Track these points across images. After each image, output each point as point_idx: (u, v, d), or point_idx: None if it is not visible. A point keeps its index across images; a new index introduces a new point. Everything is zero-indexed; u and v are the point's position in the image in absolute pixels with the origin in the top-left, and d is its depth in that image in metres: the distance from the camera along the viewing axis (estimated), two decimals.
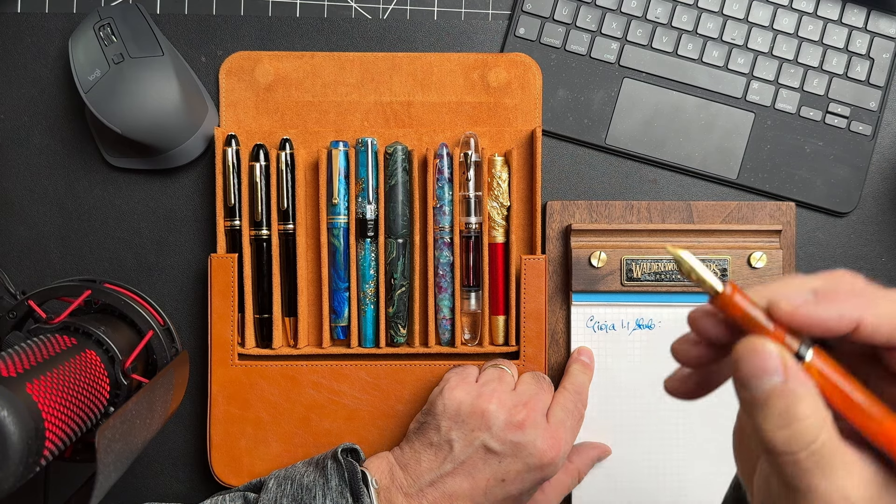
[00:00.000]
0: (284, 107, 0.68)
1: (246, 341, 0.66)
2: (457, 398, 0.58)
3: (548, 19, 0.69)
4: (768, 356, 0.29)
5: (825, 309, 0.29)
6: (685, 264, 0.30)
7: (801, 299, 0.30)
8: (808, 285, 0.31)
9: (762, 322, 0.30)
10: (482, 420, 0.57)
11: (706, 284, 0.30)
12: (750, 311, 0.30)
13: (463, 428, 0.57)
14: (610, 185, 0.70)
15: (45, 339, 0.52)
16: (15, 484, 0.42)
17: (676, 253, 0.30)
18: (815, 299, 0.30)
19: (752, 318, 0.30)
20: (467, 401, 0.58)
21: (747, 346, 0.29)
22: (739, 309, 0.30)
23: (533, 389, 0.60)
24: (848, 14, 0.69)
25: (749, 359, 0.29)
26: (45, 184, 0.69)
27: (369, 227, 0.66)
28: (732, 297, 0.30)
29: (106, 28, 0.64)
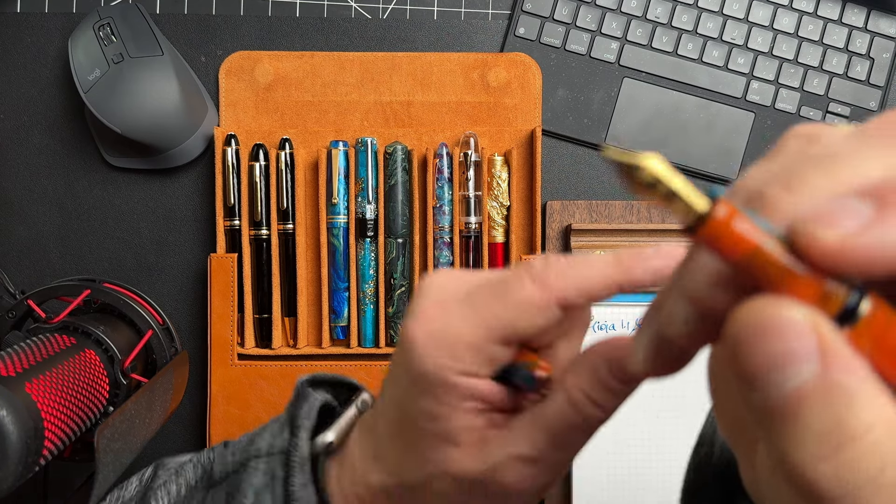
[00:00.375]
0: (284, 106, 0.68)
1: (245, 341, 0.66)
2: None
3: (548, 19, 0.69)
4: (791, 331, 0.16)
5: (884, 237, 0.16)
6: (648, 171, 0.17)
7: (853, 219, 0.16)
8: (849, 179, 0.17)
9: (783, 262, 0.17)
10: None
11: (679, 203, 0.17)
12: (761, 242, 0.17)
13: None
14: (610, 184, 0.70)
15: (44, 339, 0.52)
16: (14, 483, 0.42)
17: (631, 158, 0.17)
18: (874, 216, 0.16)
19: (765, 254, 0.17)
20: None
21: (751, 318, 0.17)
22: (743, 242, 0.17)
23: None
24: (848, 14, 0.69)
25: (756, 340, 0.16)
26: (44, 183, 0.69)
27: (369, 226, 0.66)
28: (730, 222, 0.17)
29: (106, 28, 0.64)
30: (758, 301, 0.17)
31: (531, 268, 0.29)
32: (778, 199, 0.17)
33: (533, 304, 0.28)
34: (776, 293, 0.17)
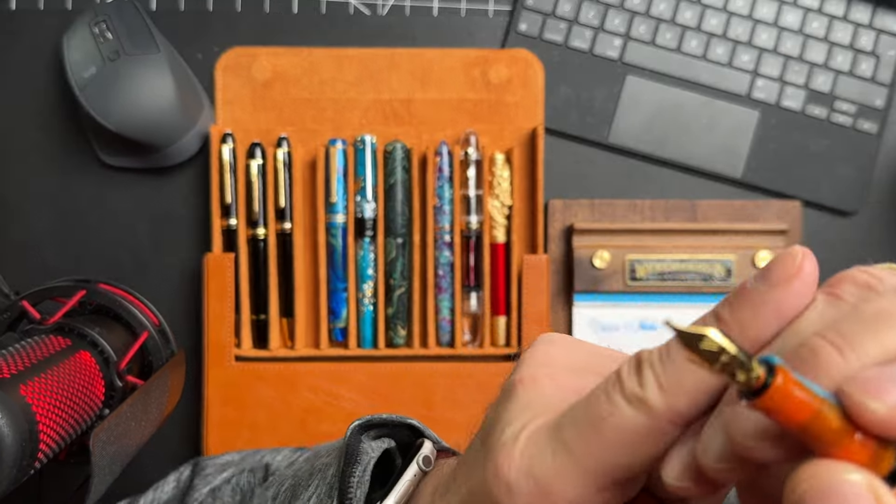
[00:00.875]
0: (282, 104, 0.67)
1: (242, 342, 0.66)
2: None
3: (550, 15, 0.68)
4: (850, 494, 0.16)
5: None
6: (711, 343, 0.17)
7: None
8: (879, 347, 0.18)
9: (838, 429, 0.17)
10: None
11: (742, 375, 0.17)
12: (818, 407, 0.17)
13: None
14: (613, 183, 0.69)
15: (39, 341, 0.52)
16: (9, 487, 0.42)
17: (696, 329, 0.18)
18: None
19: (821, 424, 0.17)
20: None
21: (815, 483, 0.17)
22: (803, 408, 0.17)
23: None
24: (853, 11, 0.68)
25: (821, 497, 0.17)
26: (39, 182, 0.68)
27: (368, 226, 0.65)
28: (789, 389, 0.17)
29: (101, 25, 0.63)
30: (818, 465, 0.17)
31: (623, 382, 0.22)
32: (829, 363, 0.17)
33: (639, 434, 0.22)
34: (829, 456, 0.17)
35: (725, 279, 0.65)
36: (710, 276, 0.65)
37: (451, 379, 0.65)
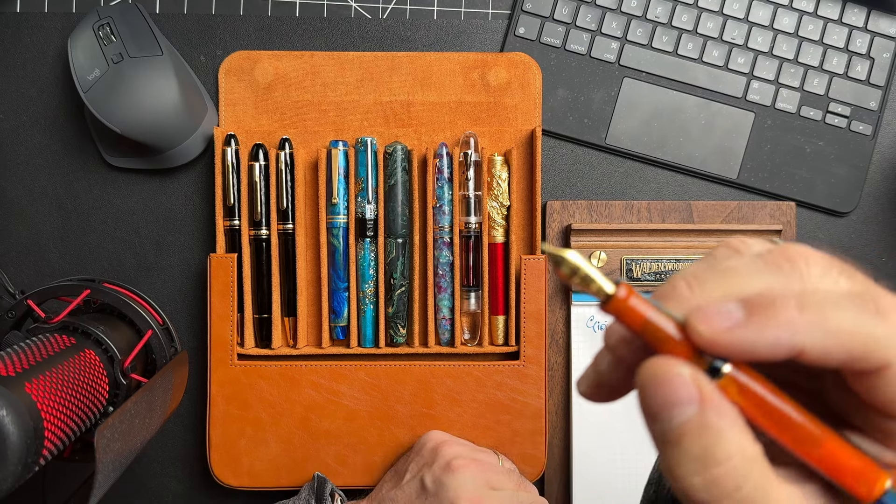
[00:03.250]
0: (284, 106, 0.68)
1: (245, 341, 0.66)
2: (437, 438, 0.61)
3: (548, 19, 0.69)
4: (679, 382, 0.22)
5: (755, 335, 0.22)
6: (568, 263, 0.23)
7: (726, 318, 0.22)
8: (738, 284, 0.24)
9: (667, 330, 0.23)
10: (433, 456, 0.58)
11: (594, 286, 0.24)
12: (650, 316, 0.23)
13: (418, 461, 0.59)
14: (610, 184, 0.70)
15: (43, 339, 0.52)
16: (14, 484, 0.42)
17: (556, 252, 0.24)
18: (743, 319, 0.22)
19: (652, 326, 0.23)
20: (440, 440, 0.60)
21: (651, 371, 0.23)
22: (637, 315, 0.23)
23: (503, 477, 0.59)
24: (848, 14, 0.69)
25: (655, 387, 0.23)
26: (44, 183, 0.69)
27: (369, 226, 0.66)
28: (627, 300, 0.23)
29: (105, 28, 0.64)
30: (656, 359, 0.23)
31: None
32: (680, 294, 0.24)
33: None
34: (661, 352, 0.23)
35: None
36: None
37: (451, 377, 0.65)
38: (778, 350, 0.22)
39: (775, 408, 0.23)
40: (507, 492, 0.57)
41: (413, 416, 0.65)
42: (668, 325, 0.23)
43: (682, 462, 0.22)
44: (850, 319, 0.22)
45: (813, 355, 0.22)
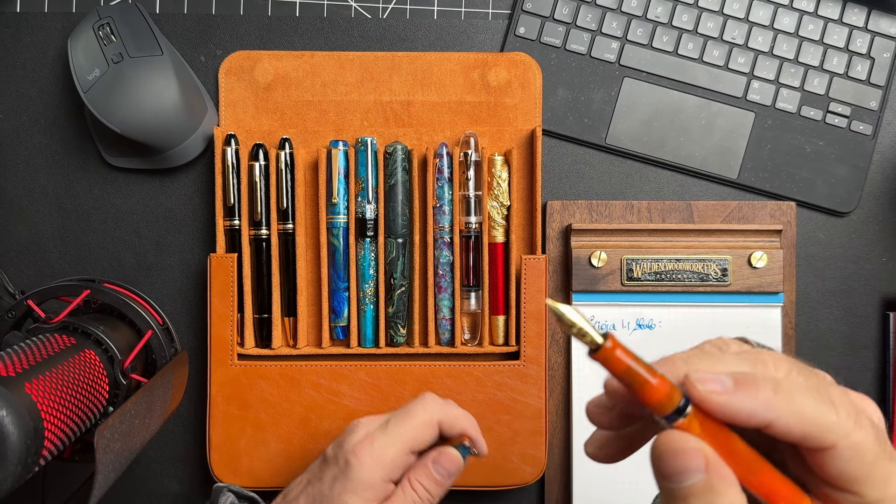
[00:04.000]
0: (284, 106, 0.68)
1: (245, 341, 0.66)
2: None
3: (548, 18, 0.69)
4: (691, 454, 0.28)
5: (740, 402, 0.28)
6: (566, 318, 0.28)
7: (719, 384, 0.29)
8: (726, 366, 0.30)
9: (644, 376, 0.28)
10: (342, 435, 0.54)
11: (587, 338, 0.28)
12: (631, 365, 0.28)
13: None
14: (610, 184, 0.70)
15: (43, 339, 0.52)
16: (14, 484, 0.42)
17: (556, 308, 0.28)
18: (732, 387, 0.28)
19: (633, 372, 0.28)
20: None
21: (669, 445, 0.28)
22: (621, 363, 0.28)
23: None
24: (848, 13, 0.69)
25: (670, 458, 0.28)
26: (44, 183, 0.69)
27: (369, 226, 0.66)
28: (613, 350, 0.28)
29: (105, 27, 0.64)
30: (671, 432, 0.29)
31: (422, 401, 0.52)
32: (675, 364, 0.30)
33: (425, 424, 0.50)
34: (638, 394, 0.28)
35: (721, 279, 0.65)
36: (706, 275, 0.65)
37: (451, 377, 0.65)
38: (753, 418, 0.28)
39: (726, 443, 0.29)
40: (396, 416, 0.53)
41: None
42: (645, 373, 0.28)
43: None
44: (810, 406, 0.28)
45: (778, 428, 0.28)
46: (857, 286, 0.69)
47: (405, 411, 0.51)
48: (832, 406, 0.29)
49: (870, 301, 0.69)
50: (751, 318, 0.66)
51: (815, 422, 0.28)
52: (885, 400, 0.68)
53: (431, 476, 0.50)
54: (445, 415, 0.52)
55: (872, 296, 0.69)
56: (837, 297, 0.69)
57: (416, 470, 0.50)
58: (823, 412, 0.28)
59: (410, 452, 0.50)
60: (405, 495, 0.49)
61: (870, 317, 0.69)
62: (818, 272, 0.69)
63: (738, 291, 0.66)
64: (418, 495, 0.49)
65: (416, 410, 0.51)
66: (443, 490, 0.51)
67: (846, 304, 0.69)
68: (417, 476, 0.50)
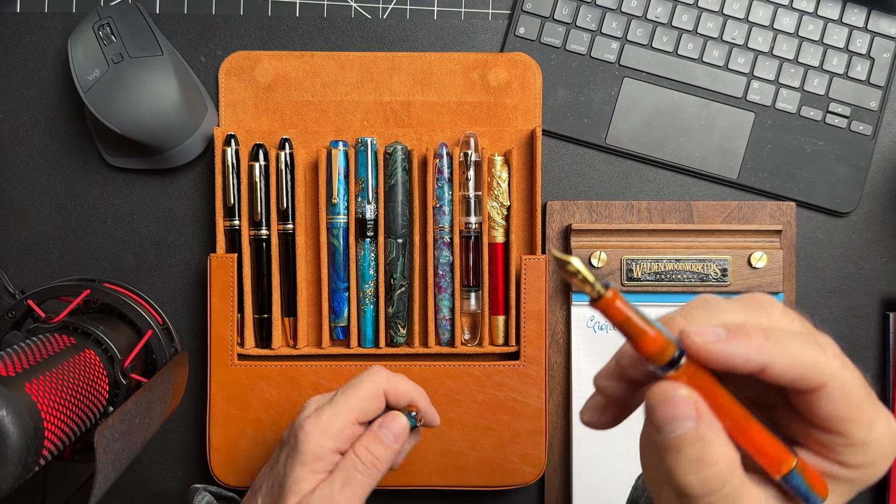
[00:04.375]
0: (284, 106, 0.68)
1: (245, 341, 0.66)
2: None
3: (548, 19, 0.69)
4: (681, 402, 0.29)
5: (734, 349, 0.29)
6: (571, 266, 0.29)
7: (713, 335, 0.30)
8: (721, 317, 0.31)
9: (641, 326, 0.29)
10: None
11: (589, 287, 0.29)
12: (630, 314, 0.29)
13: None
14: (610, 184, 0.70)
15: (43, 339, 0.52)
16: (14, 484, 0.42)
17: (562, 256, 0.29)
18: (726, 337, 0.30)
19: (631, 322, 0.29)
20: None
21: (661, 393, 0.29)
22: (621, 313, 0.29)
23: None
24: (848, 14, 0.69)
25: (662, 405, 0.29)
26: (44, 183, 0.69)
27: (369, 226, 0.66)
28: (614, 301, 0.29)
29: (105, 28, 0.64)
30: (663, 382, 0.30)
31: (369, 373, 0.52)
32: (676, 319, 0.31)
33: (371, 395, 0.51)
34: (635, 344, 0.29)
35: (721, 279, 0.65)
36: (706, 275, 0.65)
37: (451, 377, 0.65)
38: (748, 363, 0.29)
39: (717, 398, 0.30)
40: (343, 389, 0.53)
41: None
42: (642, 323, 0.29)
43: (680, 464, 0.29)
44: (800, 348, 0.30)
45: (772, 371, 0.30)
46: (857, 286, 0.69)
47: (352, 384, 0.52)
48: (820, 348, 0.30)
49: (870, 301, 0.69)
50: None
51: (804, 363, 0.30)
52: (885, 400, 0.68)
53: (377, 438, 0.50)
54: (392, 386, 0.52)
55: (872, 296, 0.69)
56: (837, 297, 0.69)
57: (363, 436, 0.51)
58: (813, 354, 0.30)
59: (357, 423, 0.50)
60: (347, 460, 0.49)
61: (870, 317, 0.69)
62: (818, 272, 0.69)
63: (738, 291, 0.66)
64: (361, 459, 0.49)
65: (362, 382, 0.51)
66: (391, 453, 0.50)
67: (846, 304, 0.69)
68: (363, 441, 0.50)
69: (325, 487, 0.48)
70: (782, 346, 0.30)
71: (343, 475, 0.49)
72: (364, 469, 0.49)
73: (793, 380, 0.30)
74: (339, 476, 0.49)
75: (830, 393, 0.30)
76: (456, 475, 0.65)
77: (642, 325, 0.29)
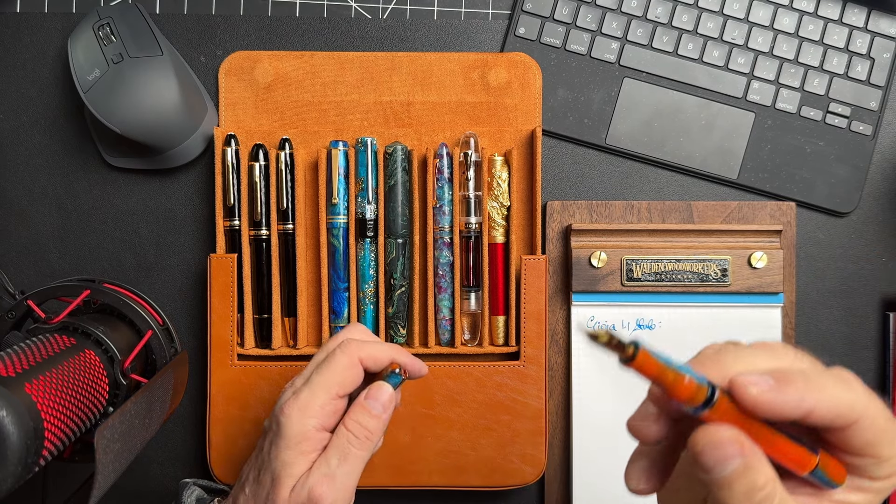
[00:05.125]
0: (284, 106, 0.68)
1: (245, 342, 0.66)
2: None
3: (548, 19, 0.69)
4: (728, 444, 0.31)
5: (786, 396, 0.31)
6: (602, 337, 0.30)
7: (766, 384, 0.31)
8: (755, 363, 0.33)
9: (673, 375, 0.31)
10: None
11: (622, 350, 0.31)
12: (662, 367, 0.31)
13: None
14: (610, 184, 0.70)
15: (44, 339, 0.52)
16: (14, 484, 0.42)
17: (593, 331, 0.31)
18: (776, 385, 0.31)
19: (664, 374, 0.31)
20: None
21: (708, 439, 0.31)
22: (654, 367, 0.31)
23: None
24: (848, 14, 0.69)
25: (711, 450, 0.31)
26: (44, 183, 0.69)
27: (369, 227, 0.66)
28: (646, 358, 0.31)
29: (105, 28, 0.64)
30: (707, 428, 0.31)
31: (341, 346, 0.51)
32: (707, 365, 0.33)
33: (347, 365, 0.50)
34: (671, 393, 0.31)
35: (721, 279, 0.65)
36: (706, 276, 0.65)
37: (451, 377, 0.65)
38: (797, 410, 0.31)
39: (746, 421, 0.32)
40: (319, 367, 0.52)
41: (413, 417, 0.65)
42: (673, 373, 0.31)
43: (734, 496, 0.31)
44: (836, 390, 0.31)
45: (817, 415, 0.31)
46: (857, 286, 0.69)
47: (326, 360, 0.51)
48: (849, 386, 0.32)
49: (870, 301, 0.69)
50: (751, 318, 0.66)
51: (843, 403, 0.31)
52: (886, 400, 0.68)
53: (366, 410, 0.50)
54: (366, 353, 0.51)
55: (872, 296, 0.69)
56: (837, 297, 0.69)
57: (350, 410, 0.50)
58: (848, 394, 0.32)
59: (337, 397, 0.50)
60: (341, 437, 0.49)
61: (870, 317, 0.69)
62: (818, 272, 0.69)
63: (738, 292, 0.66)
64: (354, 434, 0.49)
65: (335, 357, 0.51)
66: (381, 423, 0.50)
67: (846, 304, 0.69)
68: (352, 415, 0.50)
69: (321, 465, 0.48)
70: (823, 390, 0.31)
71: (339, 452, 0.49)
72: (358, 443, 0.49)
73: (832, 420, 0.31)
74: (334, 453, 0.49)
75: (863, 424, 0.32)
76: (456, 475, 0.65)
77: (675, 375, 0.31)
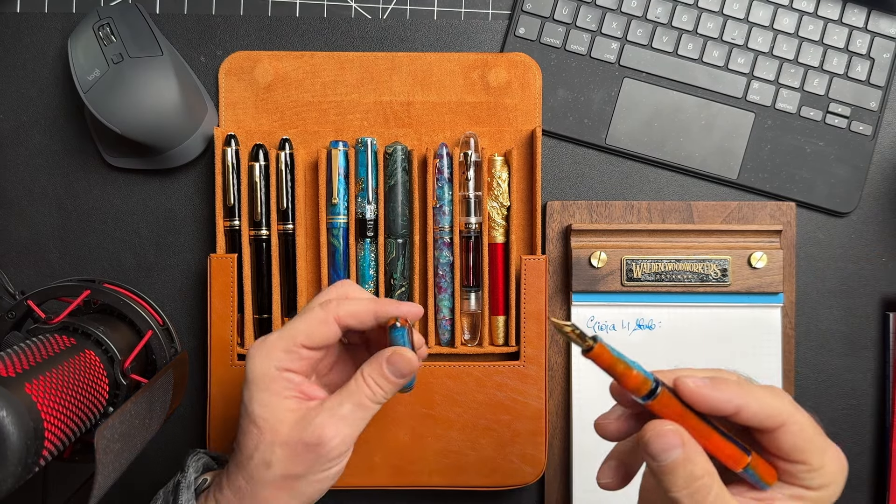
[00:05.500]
0: (284, 107, 0.68)
1: (245, 342, 0.66)
2: None
3: (548, 19, 0.69)
4: (672, 435, 0.38)
5: (719, 392, 0.39)
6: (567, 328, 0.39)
7: (702, 382, 0.39)
8: (703, 372, 0.41)
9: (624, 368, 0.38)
10: None
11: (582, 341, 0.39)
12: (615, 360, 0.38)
13: None
14: (610, 185, 0.70)
15: (44, 339, 0.52)
16: (14, 485, 0.42)
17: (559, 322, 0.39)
18: (711, 383, 0.39)
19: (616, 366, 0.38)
20: None
21: (655, 429, 0.38)
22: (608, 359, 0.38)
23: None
24: (848, 14, 0.69)
25: (656, 439, 0.38)
26: (44, 184, 0.69)
27: (369, 227, 0.66)
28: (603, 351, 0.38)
29: (105, 28, 0.64)
30: (654, 422, 0.39)
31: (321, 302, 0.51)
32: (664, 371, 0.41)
33: (321, 320, 0.50)
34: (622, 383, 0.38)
35: (721, 279, 0.65)
36: (706, 276, 0.65)
37: (451, 377, 0.65)
38: (728, 405, 0.38)
39: (685, 415, 0.39)
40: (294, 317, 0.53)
41: (413, 417, 0.65)
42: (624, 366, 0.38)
43: (675, 483, 0.38)
44: (765, 395, 0.39)
45: (745, 413, 0.39)
46: (857, 286, 0.69)
47: (302, 311, 0.51)
48: (778, 395, 0.39)
49: (870, 301, 0.69)
50: (751, 318, 0.66)
51: (770, 406, 0.39)
52: (885, 400, 0.68)
53: (383, 373, 0.50)
54: (345, 311, 0.50)
55: (872, 296, 0.69)
56: (837, 298, 0.69)
57: (371, 365, 0.50)
58: (775, 400, 0.39)
59: (303, 346, 0.49)
60: (358, 388, 0.49)
61: (870, 317, 0.69)
62: (818, 272, 0.69)
63: (738, 292, 0.66)
64: (372, 390, 0.49)
65: (312, 310, 0.50)
66: (393, 388, 0.50)
67: (846, 305, 0.69)
68: (370, 371, 0.50)
69: (331, 406, 0.49)
70: (752, 393, 0.39)
71: (354, 399, 0.49)
72: (374, 397, 0.49)
73: (761, 420, 0.39)
74: (348, 398, 0.49)
75: (789, 429, 0.39)
76: (456, 475, 0.65)
77: (625, 367, 0.38)
